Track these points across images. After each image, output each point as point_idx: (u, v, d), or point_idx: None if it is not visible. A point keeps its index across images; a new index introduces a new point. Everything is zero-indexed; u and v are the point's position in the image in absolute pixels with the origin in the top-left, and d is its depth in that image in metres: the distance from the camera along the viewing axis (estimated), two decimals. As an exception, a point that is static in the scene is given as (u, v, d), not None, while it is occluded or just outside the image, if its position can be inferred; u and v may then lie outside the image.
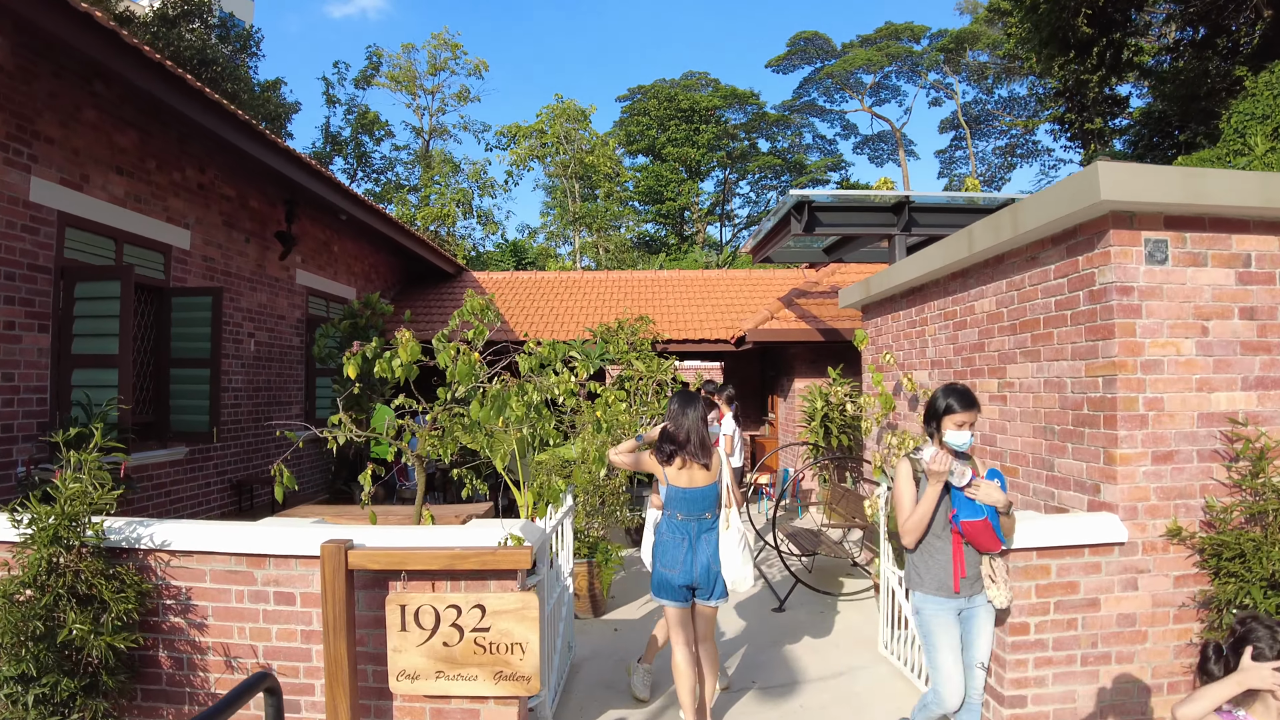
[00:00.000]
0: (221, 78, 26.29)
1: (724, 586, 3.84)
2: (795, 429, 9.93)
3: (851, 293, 6.93)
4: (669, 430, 3.86)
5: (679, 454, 3.80)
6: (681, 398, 3.89)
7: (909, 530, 3.27)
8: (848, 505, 6.47)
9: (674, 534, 3.81)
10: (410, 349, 3.23)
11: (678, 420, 3.83)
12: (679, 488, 3.79)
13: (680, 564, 3.75)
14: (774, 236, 7.84)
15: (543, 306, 12.14)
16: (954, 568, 3.22)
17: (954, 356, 5.15)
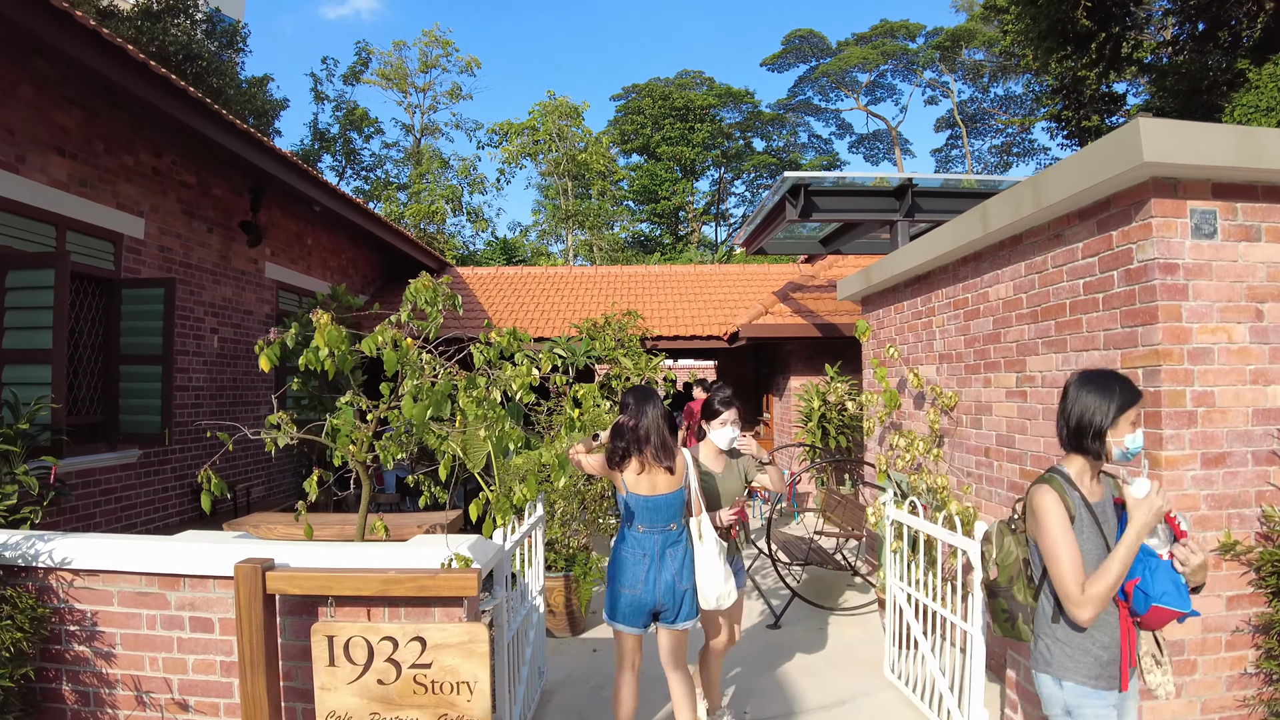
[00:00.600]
0: (207, 73, 25.76)
1: (693, 607, 3.38)
2: (791, 430, 9.48)
3: (851, 283, 6.48)
4: (622, 426, 3.40)
5: (635, 455, 3.35)
6: (638, 392, 3.45)
7: (1096, 599, 2.16)
8: (846, 513, 6.02)
9: (634, 549, 3.35)
10: (330, 335, 2.74)
11: (635, 416, 3.38)
12: (639, 495, 3.33)
13: (641, 583, 3.30)
14: (768, 225, 7.39)
15: (528, 302, 11.67)
16: (1123, 652, 2.28)
17: (965, 349, 4.70)
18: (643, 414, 3.37)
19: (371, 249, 12.27)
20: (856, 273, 6.41)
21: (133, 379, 6.38)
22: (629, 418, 3.38)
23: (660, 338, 10.10)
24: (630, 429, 3.36)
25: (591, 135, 36.00)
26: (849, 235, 8.11)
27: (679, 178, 42.33)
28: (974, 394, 4.59)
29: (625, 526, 3.41)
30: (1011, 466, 4.16)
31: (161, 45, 24.90)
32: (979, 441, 4.52)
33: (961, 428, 4.74)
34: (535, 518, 4.13)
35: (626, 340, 9.10)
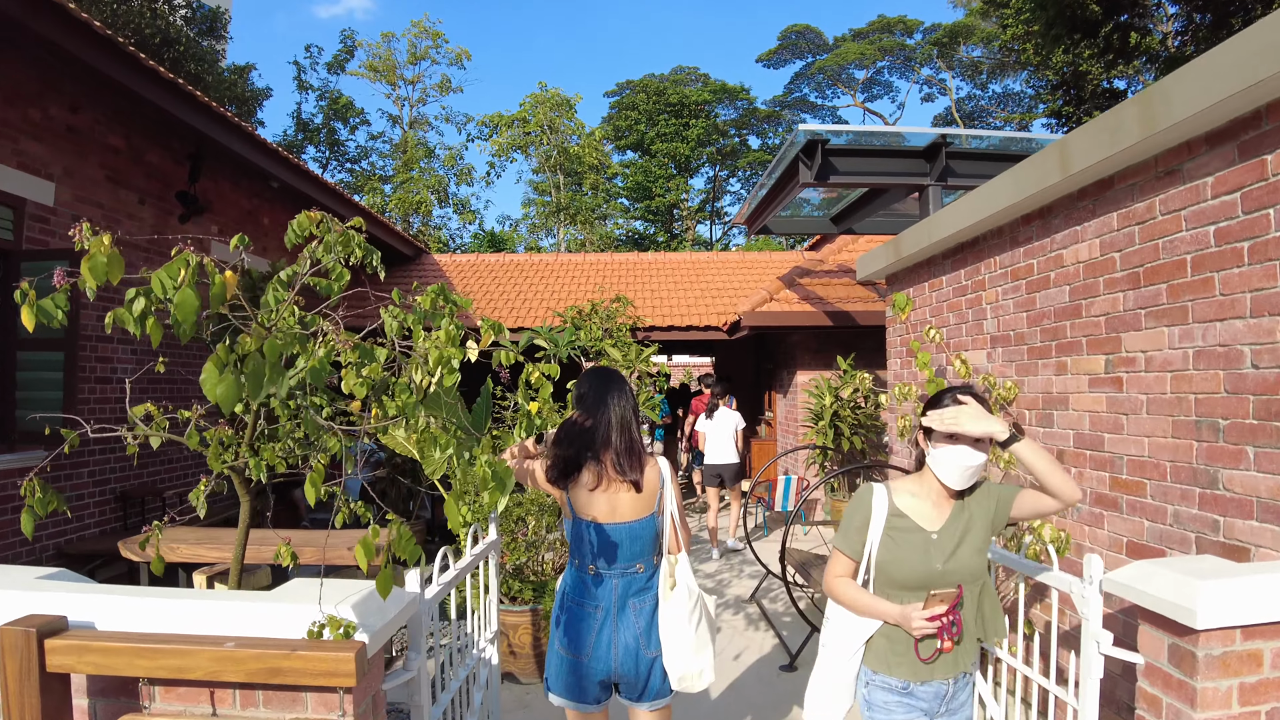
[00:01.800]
0: (185, 58, 24.82)
1: (664, 680, 2.43)
2: (798, 430, 8.57)
3: (874, 259, 5.58)
4: (571, 426, 2.48)
5: (589, 464, 2.42)
6: (598, 375, 2.54)
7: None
8: None
9: (583, 597, 2.42)
10: (96, 263, 1.77)
11: (591, 409, 2.47)
12: (590, 522, 2.40)
13: (589, 646, 2.37)
14: (778, 194, 6.48)
15: (509, 291, 10.75)
16: None
17: (1029, 328, 3.79)
18: (603, 406, 2.45)
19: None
20: (880, 247, 5.51)
21: (33, 367, 5.43)
22: (583, 412, 2.46)
23: (653, 328, 9.19)
24: (581, 428, 2.43)
25: (584, 128, 35.18)
26: (866, 210, 7.21)
27: (673, 174, 41.56)
28: (1040, 384, 3.69)
29: (573, 564, 2.47)
30: (1097, 475, 3.26)
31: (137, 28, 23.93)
32: (1049, 443, 3.61)
33: (1024, 425, 3.83)
34: (486, 543, 3.20)
35: (615, 330, 8.17)
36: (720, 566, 6.78)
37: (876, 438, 8.04)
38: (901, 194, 6.29)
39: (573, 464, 2.38)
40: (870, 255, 5.70)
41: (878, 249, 5.55)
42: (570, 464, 2.38)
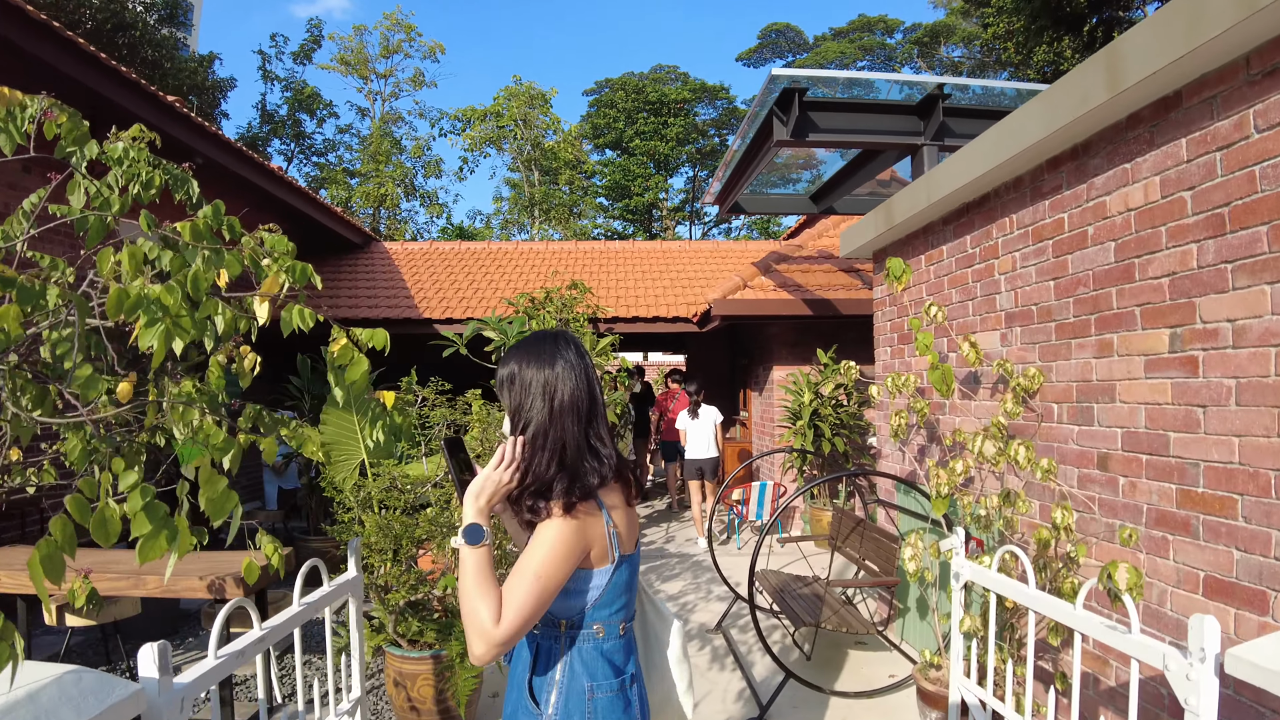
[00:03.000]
0: (140, 44, 23.78)
1: None
2: (775, 431, 7.78)
3: (860, 230, 4.79)
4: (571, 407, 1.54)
5: (613, 473, 1.56)
6: (544, 340, 1.61)
7: None
8: (867, 545, 4.29)
9: (619, 693, 1.54)
10: None
11: (579, 382, 1.57)
12: (629, 556, 1.59)
13: None
14: (751, 161, 5.67)
15: (462, 281, 9.87)
16: None
17: (1057, 300, 3.01)
18: (586, 374, 1.58)
19: (280, 217, 10.37)
20: (866, 216, 4.72)
21: None
22: (572, 388, 1.56)
23: (617, 319, 8.36)
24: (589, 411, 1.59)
25: (560, 123, 34.41)
26: (852, 182, 6.43)
27: (652, 173, 40.90)
28: (1075, 369, 2.90)
29: (615, 631, 1.56)
30: (1160, 488, 2.47)
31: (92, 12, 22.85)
32: (1087, 445, 2.83)
33: (1050, 423, 3.05)
34: (330, 587, 2.35)
35: (572, 319, 7.33)
36: (686, 585, 5.96)
37: (860, 439, 7.26)
38: (891, 158, 5.51)
39: (601, 476, 1.52)
40: (856, 227, 4.91)
41: (864, 218, 4.77)
42: (596, 479, 1.51)
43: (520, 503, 1.50)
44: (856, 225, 4.94)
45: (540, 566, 1.40)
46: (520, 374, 1.55)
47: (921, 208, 3.94)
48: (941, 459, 4.01)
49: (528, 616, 1.37)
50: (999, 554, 2.51)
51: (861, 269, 7.82)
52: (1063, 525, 2.57)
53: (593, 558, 1.50)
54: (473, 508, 1.46)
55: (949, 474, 3.20)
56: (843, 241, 5.17)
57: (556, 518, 1.44)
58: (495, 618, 1.34)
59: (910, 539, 3.25)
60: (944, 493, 2.91)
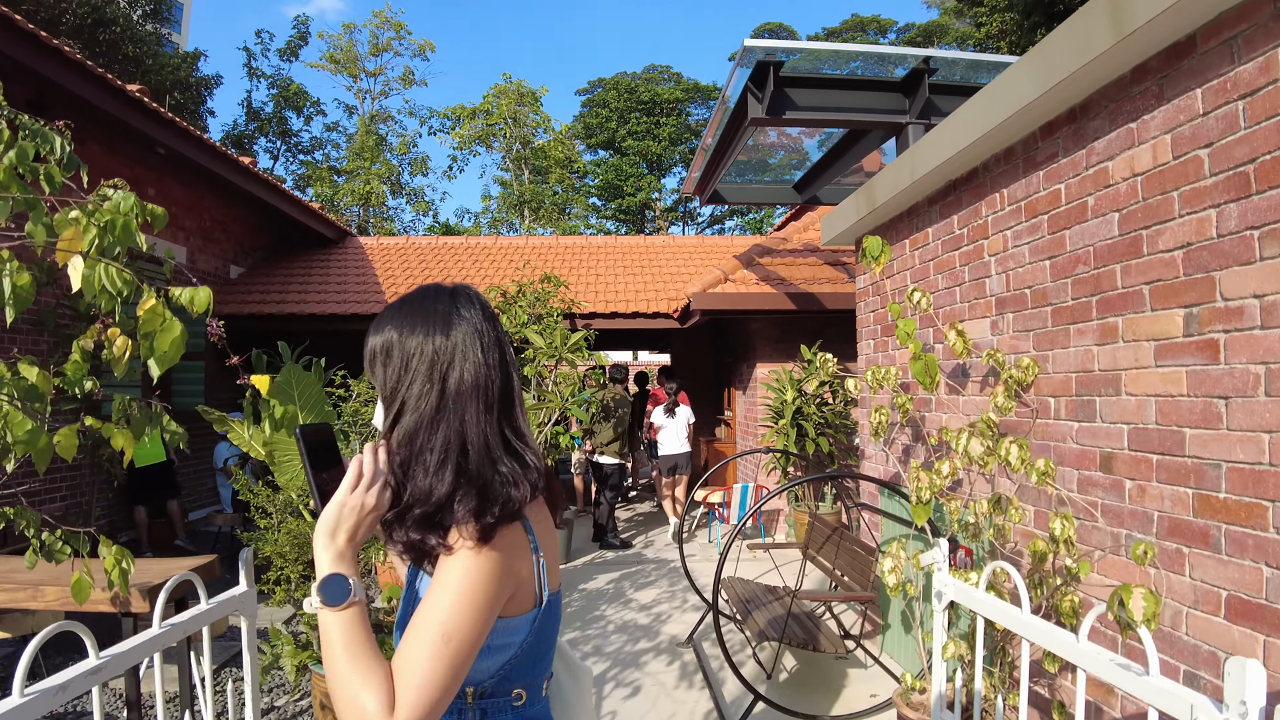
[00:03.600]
0: (122, 39, 23.42)
1: None
2: (758, 430, 7.45)
3: (841, 215, 4.47)
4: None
5: (542, 481, 1.15)
6: (434, 297, 1.17)
7: None
8: (842, 555, 3.95)
9: None
10: None
11: (475, 359, 1.13)
12: (555, 595, 1.20)
13: None
14: (727, 144, 5.33)
15: (436, 276, 9.52)
16: None
17: (1053, 281, 2.68)
18: (498, 346, 1.18)
19: (249, 211, 10.03)
20: (848, 199, 4.40)
21: None
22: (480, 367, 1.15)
23: (595, 315, 8.02)
24: None
25: (550, 121, 34.16)
26: (836, 168, 6.11)
27: (645, 173, 40.63)
28: (1074, 358, 2.58)
29: (536, 693, 1.19)
30: (1173, 492, 2.14)
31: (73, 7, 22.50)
32: (1088, 443, 2.50)
33: (1046, 420, 2.73)
34: (219, 600, 2.01)
35: (546, 313, 7.00)
36: (661, 594, 5.63)
37: (846, 439, 6.94)
38: (875, 140, 5.19)
39: (523, 492, 1.09)
40: (836, 212, 4.59)
41: (845, 202, 4.44)
42: (520, 495, 1.08)
43: (400, 534, 1.05)
44: (837, 210, 4.62)
45: (449, 622, 0.97)
46: (399, 343, 1.11)
47: (905, 186, 3.62)
48: (926, 460, 3.68)
49: (436, 697, 0.94)
50: (988, 571, 2.18)
51: (848, 262, 7.50)
52: (1062, 537, 2.24)
53: (516, 601, 1.09)
54: (327, 551, 1.02)
55: (932, 477, 2.87)
56: (824, 228, 4.84)
57: (467, 550, 1.01)
58: (387, 706, 0.92)
59: (891, 549, 2.92)
60: (925, 498, 2.58)
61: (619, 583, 5.91)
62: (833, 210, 4.72)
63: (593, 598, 5.51)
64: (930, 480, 2.60)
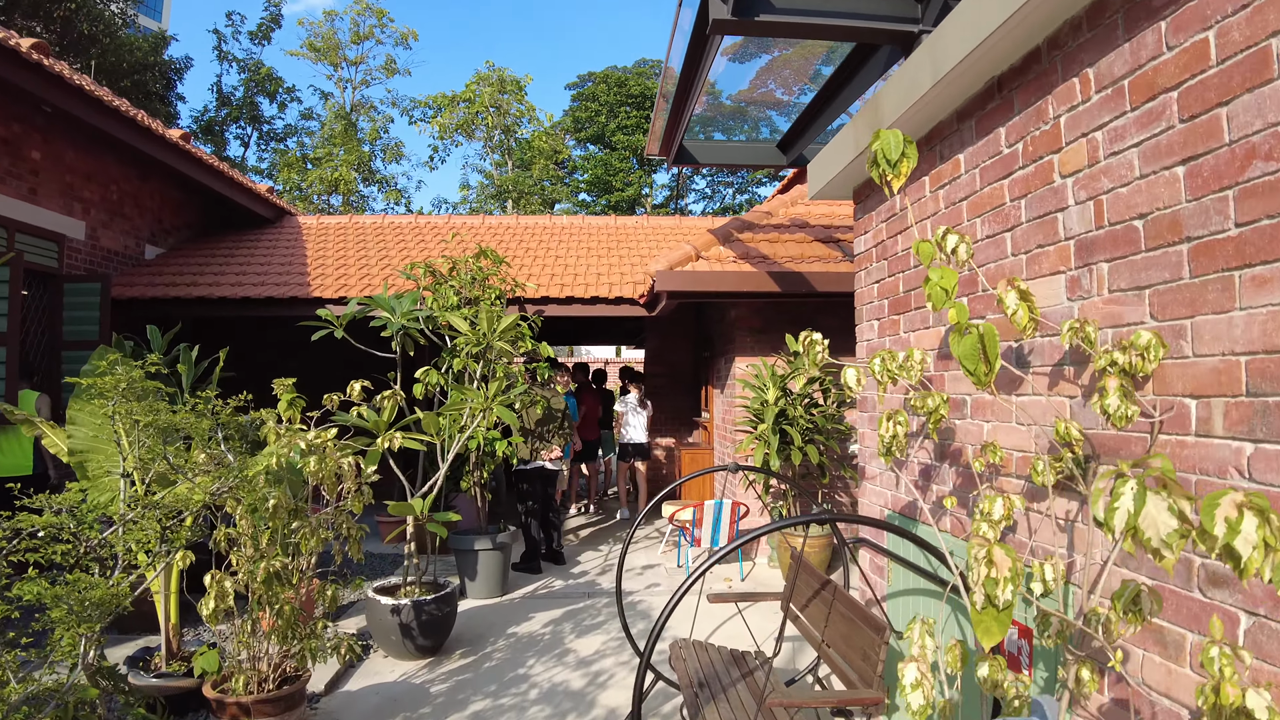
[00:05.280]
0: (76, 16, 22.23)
1: None
2: (735, 436, 6.35)
3: (835, 153, 3.38)
4: None
5: None
6: None
7: None
8: (835, 626, 2.80)
9: None
10: None
11: None
12: None
13: None
14: (691, 74, 4.20)
15: (373, 255, 8.39)
16: None
17: (1195, 198, 1.58)
18: None
19: (170, 185, 8.88)
20: (842, 131, 3.31)
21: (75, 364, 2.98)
22: None
23: (548, 300, 6.90)
24: None
25: (534, 111, 33.08)
26: (825, 118, 5.04)
27: (635, 168, 39.63)
28: (1239, 331, 1.47)
29: None
30: None
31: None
32: (1275, 480, 1.40)
33: (1180, 435, 1.62)
34: None
35: (485, 297, 5.89)
36: (608, 641, 4.52)
37: (841, 447, 5.84)
38: (877, 68, 4.09)
39: None
40: (827, 151, 3.49)
41: (839, 136, 3.34)
42: None
43: None
44: (827, 150, 3.51)
45: None
46: None
47: (922, 94, 2.52)
48: (956, 486, 2.58)
49: None
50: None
51: (843, 239, 6.40)
52: None
53: None
54: None
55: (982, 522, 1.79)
56: (812, 178, 3.74)
57: None
58: None
59: (913, 635, 1.83)
60: (1006, 597, 1.45)
61: (559, 624, 4.79)
62: (822, 152, 3.62)
63: (521, 646, 4.39)
64: (1008, 565, 1.46)
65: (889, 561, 3.29)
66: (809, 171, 3.80)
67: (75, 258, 7.16)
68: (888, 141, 1.83)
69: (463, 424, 4.80)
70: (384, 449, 3.66)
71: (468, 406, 4.57)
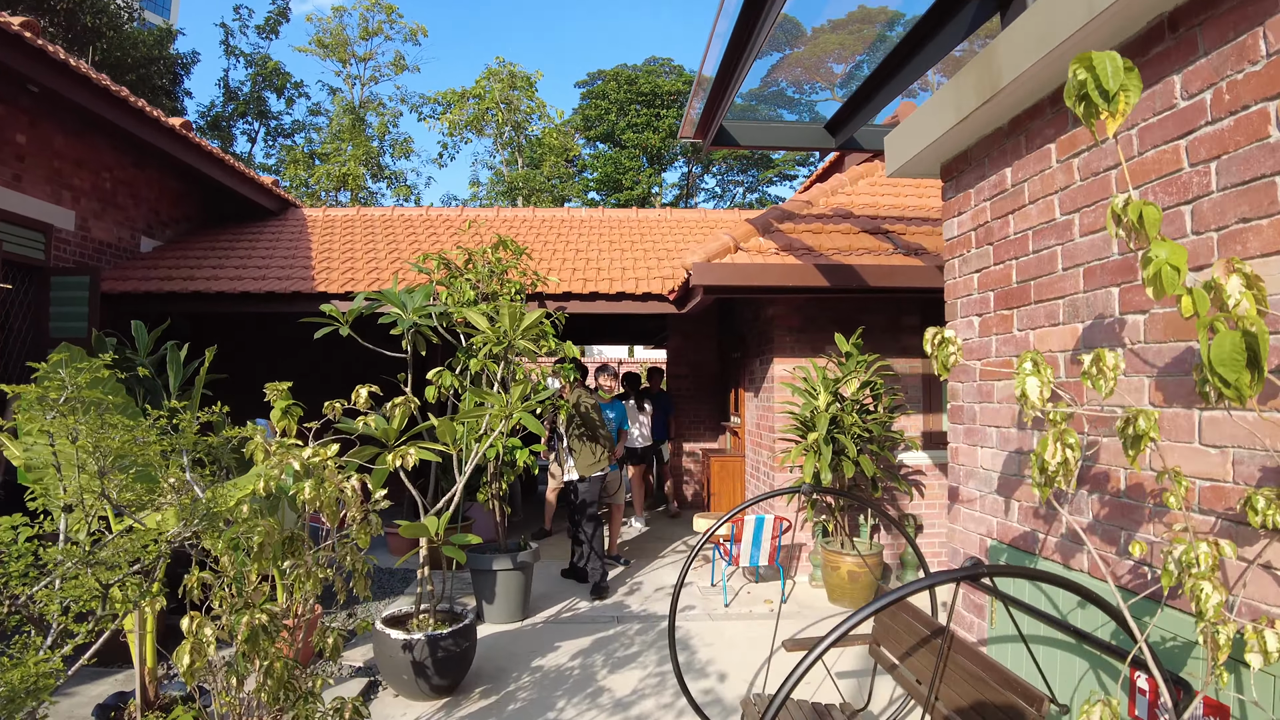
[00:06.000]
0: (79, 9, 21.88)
1: None
2: (775, 444, 5.84)
3: (929, 118, 2.89)
4: None
5: None
6: None
7: None
8: (958, 688, 2.30)
9: None
10: None
11: None
12: None
13: None
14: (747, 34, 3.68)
15: (382, 249, 7.91)
16: None
17: None
18: None
19: (168, 174, 8.43)
20: (939, 92, 2.82)
21: None
22: None
23: (570, 295, 6.40)
24: None
25: (544, 107, 32.68)
26: (882, 96, 4.54)
27: (644, 167, 39.22)
28: None
29: None
30: None
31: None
32: None
33: None
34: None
35: (503, 292, 5.41)
36: (646, 679, 4.02)
37: (892, 457, 5.34)
38: (956, 33, 3.59)
39: None
40: (917, 120, 3.00)
41: (934, 98, 2.85)
42: None
43: None
44: (915, 117, 3.02)
45: None
46: None
47: (1081, 25, 2.02)
48: (1101, 517, 2.08)
49: None
50: None
51: (892, 230, 5.89)
52: None
53: None
54: None
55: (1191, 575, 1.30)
56: (891, 151, 3.25)
57: None
58: None
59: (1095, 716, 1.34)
60: None
61: (589, 656, 4.29)
62: (907, 121, 3.12)
63: (549, 684, 3.90)
64: None
65: (992, 600, 2.79)
66: (887, 146, 3.30)
67: (64, 249, 6.70)
68: (1102, 66, 1.32)
69: (481, 432, 4.32)
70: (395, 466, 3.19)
71: (488, 413, 4.08)
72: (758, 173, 42.03)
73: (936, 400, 6.08)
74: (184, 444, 2.34)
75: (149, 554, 1.92)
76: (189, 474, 2.38)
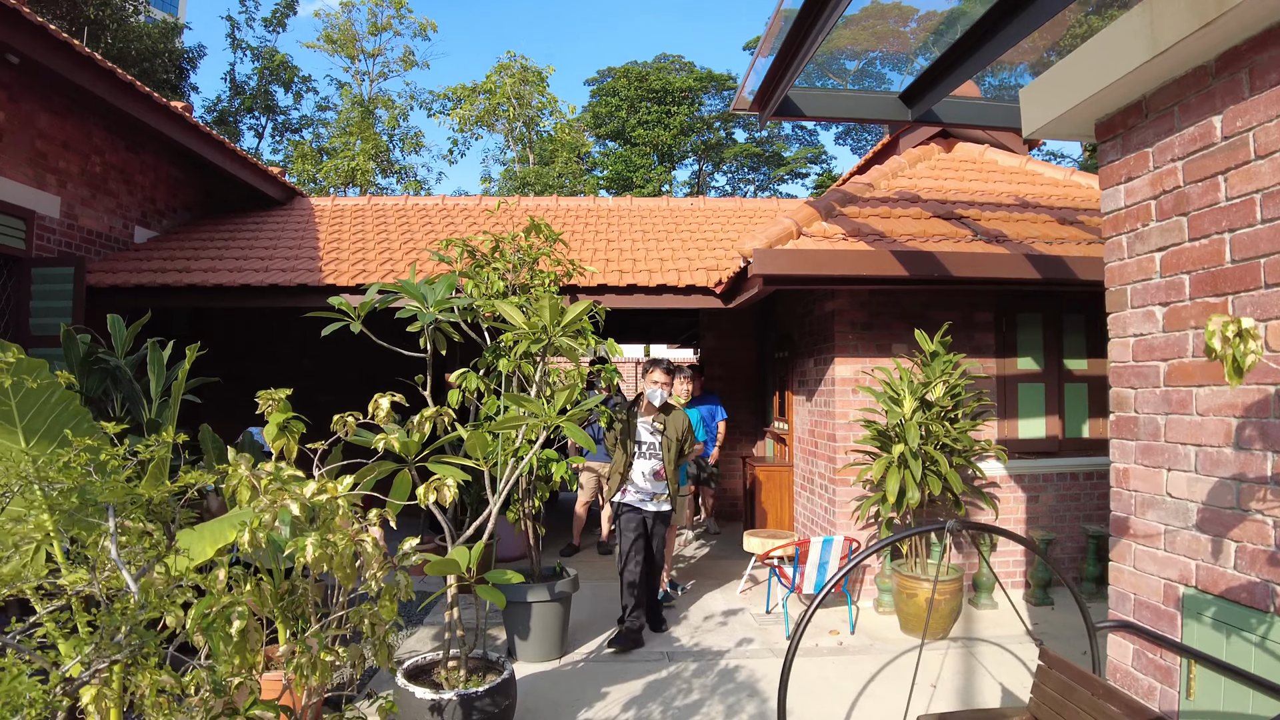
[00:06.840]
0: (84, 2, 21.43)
1: None
2: (836, 455, 5.22)
3: (1104, 55, 2.28)
4: None
5: None
6: None
7: None
8: None
9: None
10: None
11: None
12: None
13: None
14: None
15: (395, 239, 7.34)
16: None
17: None
18: None
19: (166, 159, 7.87)
20: (1110, 29, 2.21)
21: None
22: None
23: (605, 289, 5.81)
24: None
25: (556, 102, 32.15)
26: (967, 66, 3.95)
27: (655, 164, 38.71)
28: None
29: None
30: None
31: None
32: None
33: None
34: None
35: (533, 283, 4.82)
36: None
37: (979, 470, 4.72)
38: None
39: None
40: (1072, 63, 2.39)
41: (1116, 29, 2.24)
42: None
43: None
44: (1074, 59, 2.42)
45: None
46: None
47: None
48: None
49: None
50: None
51: (965, 215, 5.27)
52: None
53: None
54: None
55: None
56: (1031, 106, 2.64)
57: None
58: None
59: None
60: None
61: (644, 707, 3.68)
62: (1058, 67, 2.52)
63: (599, 743, 3.30)
64: None
65: (1184, 661, 2.19)
66: (1024, 101, 2.70)
67: (47, 239, 6.14)
68: None
69: (517, 445, 3.73)
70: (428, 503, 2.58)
71: (526, 422, 3.48)
72: (769, 170, 41.41)
73: (1012, 405, 5.47)
74: (111, 496, 1.61)
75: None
76: (113, 545, 1.61)
